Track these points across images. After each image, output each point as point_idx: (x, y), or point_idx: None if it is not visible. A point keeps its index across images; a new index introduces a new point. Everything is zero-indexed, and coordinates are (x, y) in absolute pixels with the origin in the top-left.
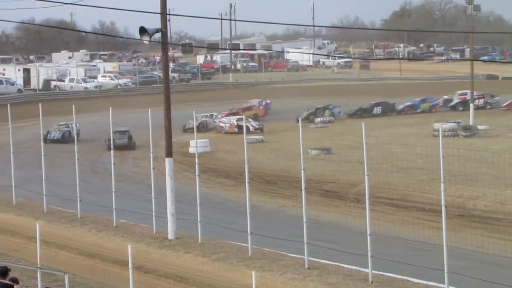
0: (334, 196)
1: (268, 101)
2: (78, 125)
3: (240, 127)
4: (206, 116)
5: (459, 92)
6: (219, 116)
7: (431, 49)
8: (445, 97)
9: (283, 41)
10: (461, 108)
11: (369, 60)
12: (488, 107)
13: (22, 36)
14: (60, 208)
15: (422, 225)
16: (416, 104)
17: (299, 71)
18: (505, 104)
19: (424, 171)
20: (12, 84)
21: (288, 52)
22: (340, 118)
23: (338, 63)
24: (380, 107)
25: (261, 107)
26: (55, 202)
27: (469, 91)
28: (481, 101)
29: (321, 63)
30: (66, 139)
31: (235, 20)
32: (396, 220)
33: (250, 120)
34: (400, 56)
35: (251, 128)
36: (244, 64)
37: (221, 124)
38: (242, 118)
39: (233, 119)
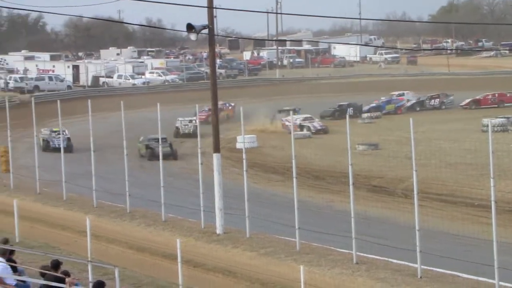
0: (382, 192)
1: (232, 104)
2: (66, 132)
3: (301, 127)
4: (190, 121)
5: (396, 93)
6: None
7: (480, 44)
8: (383, 98)
9: (329, 37)
10: (418, 109)
11: (416, 54)
12: (444, 107)
13: (71, 34)
14: (109, 203)
15: (471, 220)
16: (382, 105)
17: (346, 66)
18: (464, 103)
19: (473, 167)
20: (62, 80)
21: (334, 47)
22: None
23: (385, 58)
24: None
25: (230, 108)
26: (104, 197)
27: (406, 91)
28: (437, 101)
29: (368, 58)
30: (70, 148)
31: (281, 13)
32: (445, 215)
33: (314, 120)
34: (448, 51)
35: (312, 128)
36: (291, 60)
37: (287, 123)
38: (306, 118)
39: (298, 119)
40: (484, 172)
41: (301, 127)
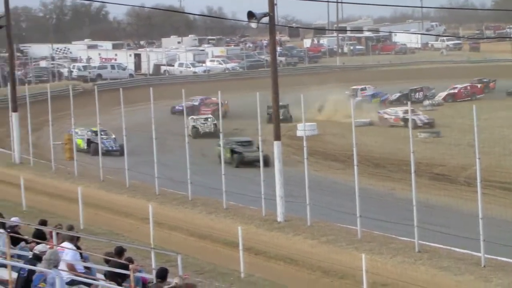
0: (444, 180)
1: (226, 101)
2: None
3: (405, 120)
4: (206, 119)
5: (360, 87)
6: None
7: None
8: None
9: (390, 24)
10: (405, 101)
11: (479, 40)
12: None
13: (133, 22)
14: (171, 190)
15: None
16: (368, 99)
17: (407, 53)
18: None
19: None
20: (124, 69)
21: (395, 34)
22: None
23: (447, 45)
24: None
25: (226, 103)
26: (166, 184)
27: (368, 86)
28: (421, 94)
29: (429, 45)
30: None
31: (341, 2)
32: (509, 204)
33: (419, 113)
34: None
35: (418, 122)
36: (351, 47)
37: (385, 116)
38: (408, 111)
39: (400, 111)
40: None
41: (404, 120)
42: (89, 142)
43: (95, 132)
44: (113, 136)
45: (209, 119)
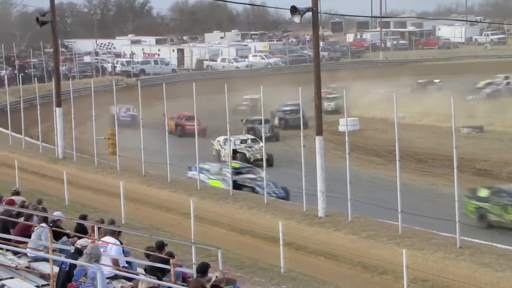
0: (486, 175)
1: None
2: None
3: None
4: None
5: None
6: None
7: None
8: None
9: (434, 18)
10: None
11: None
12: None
13: (176, 18)
14: (212, 186)
15: None
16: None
17: (451, 48)
18: None
19: None
20: (167, 64)
21: (439, 28)
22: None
23: (491, 39)
24: None
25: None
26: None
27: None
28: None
29: (473, 40)
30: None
31: None
32: None
33: None
34: None
35: None
36: (394, 42)
37: None
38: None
39: None
40: None
41: None
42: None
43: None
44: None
45: (252, 143)
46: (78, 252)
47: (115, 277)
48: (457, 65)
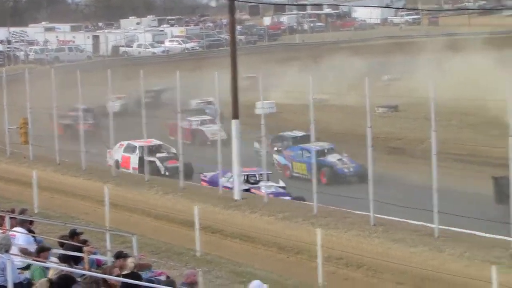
0: (400, 153)
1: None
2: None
3: None
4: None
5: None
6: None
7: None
8: None
9: (351, 0)
10: None
11: (438, 14)
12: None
13: (91, 4)
14: (129, 172)
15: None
16: None
17: (367, 29)
18: None
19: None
20: (82, 51)
21: (355, 10)
22: None
23: (406, 20)
24: None
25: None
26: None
27: None
28: None
29: (388, 20)
30: None
31: None
32: (464, 176)
33: None
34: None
35: None
36: (311, 24)
37: None
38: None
39: None
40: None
41: None
42: None
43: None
44: None
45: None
46: None
47: (27, 267)
48: (373, 46)
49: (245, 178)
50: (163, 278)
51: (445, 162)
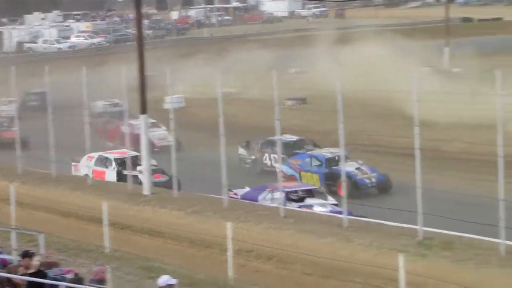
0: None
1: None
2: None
3: None
4: None
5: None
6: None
7: None
8: None
9: None
10: None
11: (344, 7)
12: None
13: None
14: (35, 169)
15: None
16: None
17: (274, 22)
18: None
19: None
20: None
21: (263, 3)
22: None
23: (313, 12)
24: None
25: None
26: (30, 163)
27: None
28: None
29: (296, 13)
30: None
31: None
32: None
33: None
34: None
35: None
36: (219, 18)
37: None
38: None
39: None
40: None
41: None
42: None
43: None
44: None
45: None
46: None
47: None
48: (280, 39)
49: (286, 195)
50: (70, 276)
51: (354, 153)
